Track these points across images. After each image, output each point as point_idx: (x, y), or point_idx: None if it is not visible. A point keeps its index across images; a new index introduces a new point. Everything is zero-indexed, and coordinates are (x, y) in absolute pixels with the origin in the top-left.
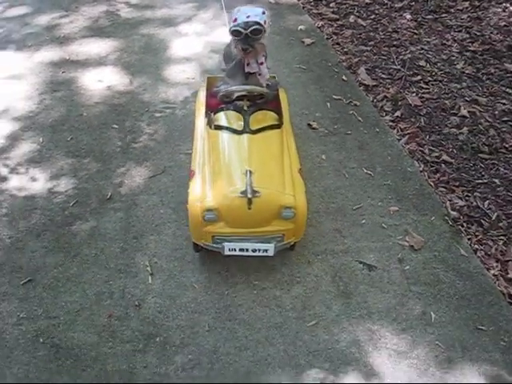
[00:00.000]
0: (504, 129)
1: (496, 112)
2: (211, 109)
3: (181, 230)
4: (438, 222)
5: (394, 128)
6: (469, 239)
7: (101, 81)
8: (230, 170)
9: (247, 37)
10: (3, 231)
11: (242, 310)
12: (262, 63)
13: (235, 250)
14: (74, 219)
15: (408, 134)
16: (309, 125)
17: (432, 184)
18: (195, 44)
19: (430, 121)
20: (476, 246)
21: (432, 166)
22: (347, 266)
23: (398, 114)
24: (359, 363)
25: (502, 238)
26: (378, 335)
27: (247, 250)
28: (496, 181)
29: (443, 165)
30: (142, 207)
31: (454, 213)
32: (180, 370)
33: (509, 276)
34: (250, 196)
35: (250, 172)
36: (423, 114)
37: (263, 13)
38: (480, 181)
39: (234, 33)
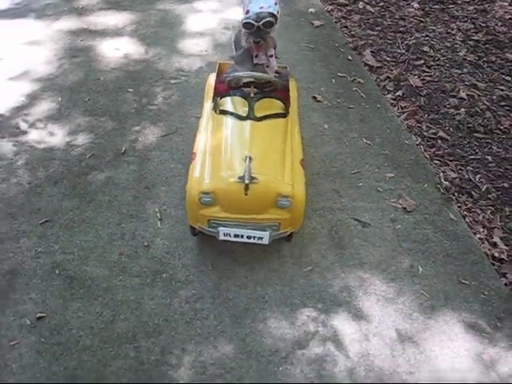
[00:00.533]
0: (500, 112)
1: (494, 97)
2: (219, 94)
3: None
4: (431, 190)
5: (395, 106)
6: (459, 206)
7: (118, 49)
8: (230, 155)
9: (259, 29)
10: (23, 178)
11: (244, 253)
12: (271, 56)
13: (230, 235)
14: (89, 169)
15: (408, 111)
16: (314, 97)
17: (427, 156)
18: (209, 20)
19: (430, 101)
20: (465, 213)
21: (428, 141)
22: (343, 222)
23: (399, 93)
24: (349, 306)
25: (490, 207)
26: (368, 283)
27: (242, 236)
28: (488, 158)
29: (439, 141)
30: (153, 162)
31: (447, 183)
32: (184, 303)
33: (493, 240)
34: (247, 182)
35: (250, 158)
36: (423, 95)
37: (275, 3)
38: (473, 157)
39: (246, 25)
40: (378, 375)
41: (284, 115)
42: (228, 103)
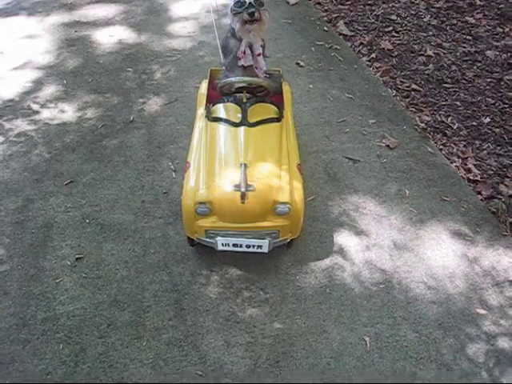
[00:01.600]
0: (464, 66)
1: (458, 53)
2: (212, 101)
3: None
4: (409, 130)
5: (370, 66)
6: (435, 142)
7: (111, 36)
8: (225, 163)
9: (251, 6)
10: (42, 149)
11: None
12: (259, 54)
13: (228, 245)
14: (103, 137)
15: (382, 70)
16: (297, 63)
17: (403, 105)
18: (192, 6)
19: (401, 60)
20: (441, 147)
21: (403, 93)
22: (336, 160)
23: (373, 55)
24: (349, 225)
25: (462, 142)
26: (363, 206)
27: (241, 245)
28: (457, 103)
29: (413, 92)
30: (160, 126)
31: (422, 124)
32: None
33: (468, 167)
34: (243, 190)
35: (245, 165)
36: (395, 56)
37: None
38: (444, 103)
39: (237, 4)
40: (381, 275)
41: (278, 119)
42: (220, 110)
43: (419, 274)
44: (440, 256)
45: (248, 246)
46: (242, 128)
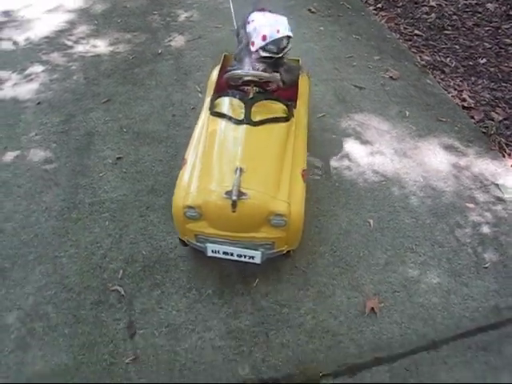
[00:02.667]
0: (465, 16)
1: (459, 5)
2: (220, 90)
3: None
4: (410, 66)
5: (376, 14)
6: (434, 77)
7: None
8: (221, 165)
9: (278, 59)
10: (79, 75)
11: None
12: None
13: (219, 252)
14: (135, 66)
15: (387, 17)
16: (308, 10)
17: (406, 46)
18: None
19: (405, 10)
20: (439, 81)
21: (406, 36)
22: (344, 86)
23: (379, 5)
24: (355, 136)
25: (459, 78)
26: (367, 122)
27: (232, 254)
28: (456, 46)
29: (415, 36)
30: (186, 57)
31: (423, 62)
32: None
33: (463, 97)
34: (234, 198)
35: (241, 170)
36: (399, 6)
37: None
38: (444, 46)
39: (265, 58)
40: (382, 175)
41: (286, 119)
42: (223, 104)
43: (416, 175)
44: (435, 163)
45: (239, 256)
46: (244, 127)
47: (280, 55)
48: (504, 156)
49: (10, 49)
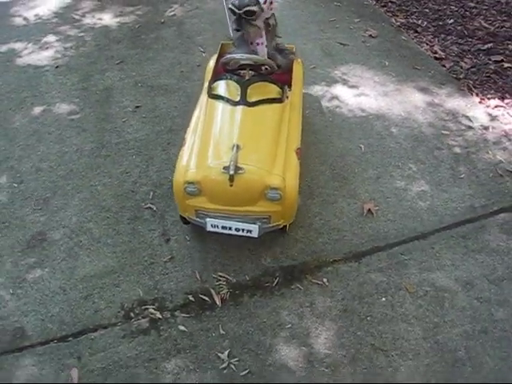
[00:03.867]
0: None
1: None
2: (217, 76)
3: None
4: (387, 26)
5: None
6: (408, 35)
7: None
8: (218, 143)
9: (240, 17)
10: (92, 43)
11: None
12: (258, 44)
13: (218, 226)
14: (141, 33)
15: None
16: None
17: (382, 11)
18: None
19: None
20: (413, 38)
21: (381, 3)
22: (329, 44)
23: None
24: (343, 82)
25: (430, 35)
26: (352, 72)
27: (230, 228)
28: (426, 10)
29: (389, 3)
30: (187, 24)
31: (398, 23)
32: None
33: (434, 50)
34: (231, 173)
35: (238, 146)
36: None
37: None
38: (415, 10)
39: (230, 11)
40: (369, 111)
41: (280, 100)
42: (220, 87)
43: (397, 110)
44: (413, 101)
45: (237, 230)
46: (240, 107)
47: (240, 12)
48: (472, 95)
49: (21, 24)
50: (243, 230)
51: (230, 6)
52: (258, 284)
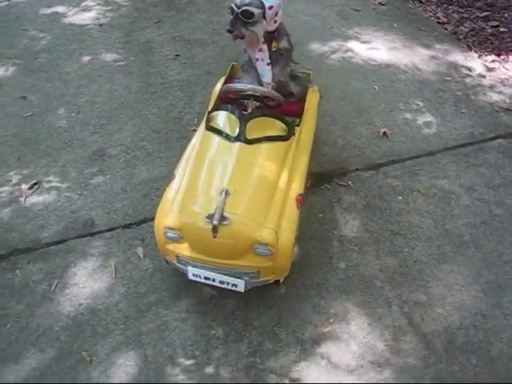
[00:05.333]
0: None
1: None
2: (223, 102)
3: None
4: None
5: None
6: (414, 4)
7: None
8: (207, 184)
9: (237, 18)
10: (129, 7)
11: None
12: (258, 59)
13: (200, 277)
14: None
15: None
16: None
17: None
18: None
19: None
20: (418, 6)
21: None
22: (344, 10)
23: None
24: (355, 39)
25: (434, 5)
26: (365, 32)
27: (213, 279)
28: None
29: None
30: None
31: None
32: None
33: (437, 16)
34: (215, 223)
35: (227, 192)
36: None
37: None
38: None
39: (230, 9)
40: (380, 61)
41: (284, 138)
42: (219, 118)
43: (405, 61)
44: (419, 54)
45: (222, 283)
46: (237, 144)
47: (238, 11)
48: (471, 51)
49: None
50: (228, 283)
51: (232, 4)
52: None
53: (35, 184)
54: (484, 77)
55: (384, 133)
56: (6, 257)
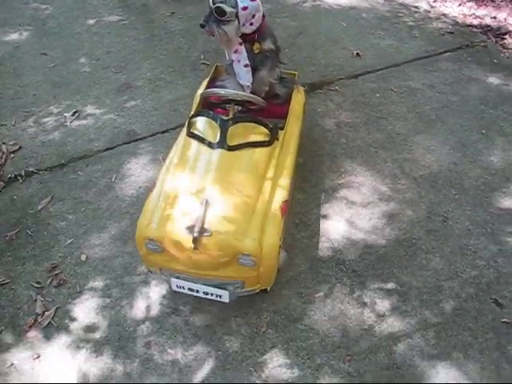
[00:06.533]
0: None
1: None
2: (205, 106)
3: None
4: None
5: None
6: None
7: None
8: (187, 193)
9: (211, 14)
10: None
11: None
12: (233, 61)
13: (184, 288)
14: None
15: None
16: None
17: None
18: None
19: None
20: None
21: None
22: None
23: None
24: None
25: None
26: None
27: (197, 291)
28: None
29: None
30: None
31: None
32: None
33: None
34: (195, 235)
35: (207, 202)
36: None
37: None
38: None
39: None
40: (344, 6)
41: (267, 143)
42: (199, 124)
43: (364, 4)
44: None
45: (206, 293)
46: (218, 151)
47: (213, 7)
48: None
49: None
50: (212, 294)
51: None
52: None
53: (75, 112)
54: (429, 12)
55: (357, 53)
56: (65, 164)
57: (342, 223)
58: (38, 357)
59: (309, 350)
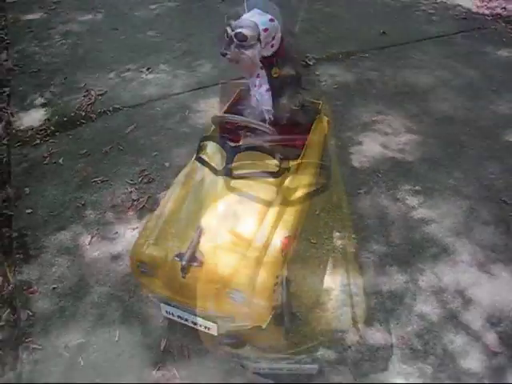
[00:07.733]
0: None
1: None
2: (221, 130)
3: None
4: None
5: None
6: None
7: None
8: (185, 219)
9: (231, 40)
10: None
11: None
12: (255, 86)
13: (173, 315)
14: None
15: None
16: None
17: None
18: None
19: None
20: None
21: None
22: None
23: None
24: None
25: None
26: None
27: (186, 319)
28: None
29: None
30: None
31: None
32: None
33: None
34: (183, 263)
35: (201, 230)
36: None
37: (271, 20)
38: None
39: (225, 32)
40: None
41: (275, 174)
42: (208, 148)
43: None
44: None
45: (195, 324)
46: (222, 178)
47: (232, 33)
48: None
49: None
50: (201, 325)
51: (227, 27)
52: None
53: (149, 68)
54: (445, 2)
55: (383, 32)
56: (144, 103)
57: (376, 146)
58: (136, 228)
59: (354, 228)
